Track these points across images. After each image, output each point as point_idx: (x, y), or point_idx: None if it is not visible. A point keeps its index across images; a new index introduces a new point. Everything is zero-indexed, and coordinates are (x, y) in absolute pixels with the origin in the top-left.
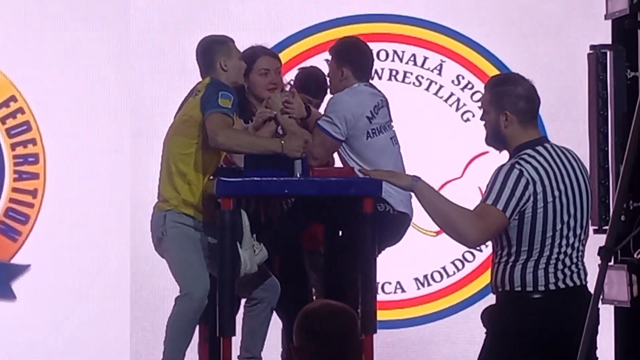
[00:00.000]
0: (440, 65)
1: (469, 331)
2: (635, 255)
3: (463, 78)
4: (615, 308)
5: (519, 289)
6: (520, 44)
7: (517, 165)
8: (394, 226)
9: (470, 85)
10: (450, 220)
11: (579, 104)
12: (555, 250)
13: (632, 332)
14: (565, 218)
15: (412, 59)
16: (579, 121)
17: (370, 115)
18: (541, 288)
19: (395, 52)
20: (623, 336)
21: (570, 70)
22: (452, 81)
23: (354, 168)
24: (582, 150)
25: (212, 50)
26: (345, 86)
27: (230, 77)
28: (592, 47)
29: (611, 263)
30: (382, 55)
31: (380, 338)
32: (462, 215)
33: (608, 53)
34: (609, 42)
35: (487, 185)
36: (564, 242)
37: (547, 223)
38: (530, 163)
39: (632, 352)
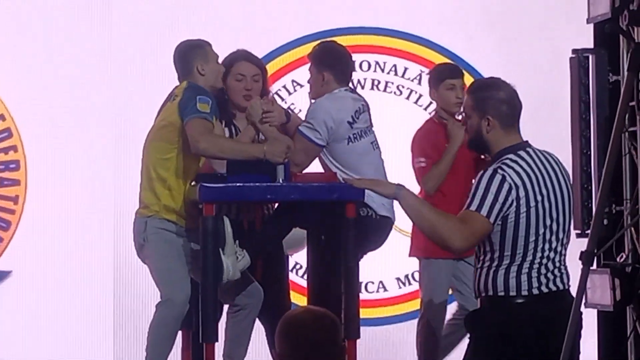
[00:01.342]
0: (420, 75)
1: None
2: (617, 259)
3: None
4: (599, 312)
5: (502, 293)
6: (503, 47)
7: (499, 171)
8: (376, 230)
9: None
10: (434, 227)
11: (561, 107)
12: (538, 254)
13: (615, 336)
14: (548, 222)
15: (393, 69)
16: (561, 124)
17: (351, 120)
18: (524, 293)
19: (377, 63)
20: (606, 340)
21: (553, 74)
22: None
23: (336, 173)
24: (565, 154)
25: (189, 54)
26: (327, 91)
27: (208, 81)
28: (575, 51)
29: (594, 267)
30: (365, 66)
31: (363, 336)
32: (446, 222)
33: (590, 57)
34: (591, 46)
35: (470, 191)
36: (546, 246)
37: (530, 227)
38: (512, 168)
39: (615, 356)
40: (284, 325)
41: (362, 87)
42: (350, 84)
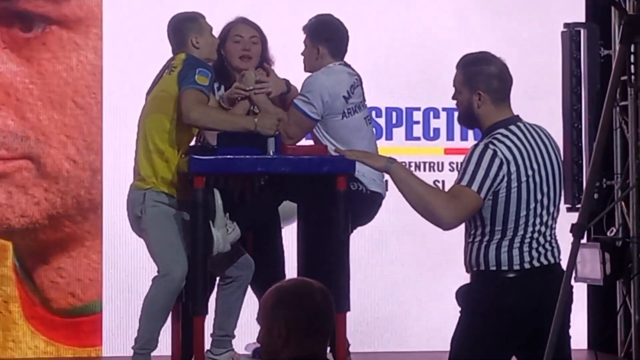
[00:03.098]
0: None
1: (443, 310)
2: (608, 233)
3: None
4: (589, 286)
5: (494, 268)
6: (495, 21)
7: (490, 145)
8: (366, 205)
9: None
10: (425, 201)
11: (552, 81)
12: (530, 229)
13: (605, 311)
14: (539, 197)
15: None
16: (552, 99)
17: (347, 94)
18: (516, 267)
19: None
20: (596, 314)
21: (545, 48)
22: None
23: (327, 146)
24: (556, 128)
25: (183, 27)
26: (321, 65)
27: (203, 54)
28: (566, 25)
29: (584, 241)
30: None
31: (354, 316)
32: (437, 197)
33: (582, 31)
34: (583, 20)
35: (461, 166)
36: (537, 220)
37: (521, 202)
38: (503, 142)
39: (605, 330)
40: (290, 296)
41: None
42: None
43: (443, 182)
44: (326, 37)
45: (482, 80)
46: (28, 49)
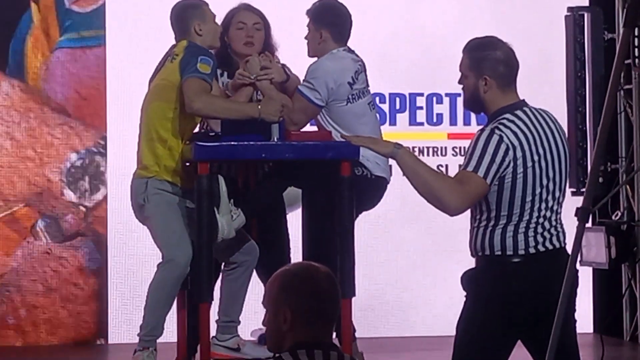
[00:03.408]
0: None
1: (448, 295)
2: (613, 217)
3: None
4: (594, 270)
5: (499, 252)
6: (498, 6)
7: (496, 131)
8: (371, 190)
9: None
10: (431, 187)
11: (556, 66)
12: (535, 214)
13: (610, 294)
14: (545, 182)
15: None
16: (556, 83)
17: (351, 80)
18: (521, 252)
19: None
20: (601, 298)
21: (548, 32)
22: None
23: (331, 132)
24: (560, 112)
25: (186, 14)
26: (324, 49)
27: (206, 41)
28: (570, 9)
29: (589, 225)
30: None
31: (360, 302)
32: (443, 183)
33: (585, 15)
34: (587, 4)
35: (467, 151)
36: (543, 205)
37: (527, 187)
38: (509, 128)
39: (611, 313)
40: (296, 280)
41: None
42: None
43: (447, 166)
44: (329, 22)
45: (488, 65)
46: None
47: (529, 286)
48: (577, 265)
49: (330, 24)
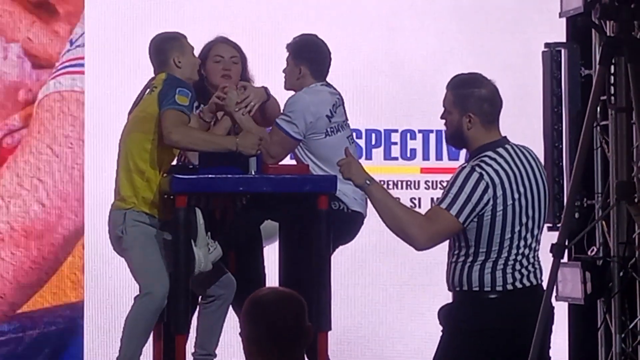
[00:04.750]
0: None
1: (425, 329)
2: (588, 253)
3: None
4: (569, 305)
5: (477, 288)
6: (475, 40)
7: (477, 169)
8: (348, 225)
9: None
10: (400, 222)
11: (533, 100)
12: (514, 251)
13: (585, 330)
14: (524, 220)
15: None
16: (533, 118)
17: (329, 114)
18: (499, 288)
19: None
20: (577, 333)
21: (526, 67)
22: None
23: (308, 165)
24: (536, 147)
25: (165, 47)
26: (302, 84)
27: (185, 74)
28: (547, 44)
29: (565, 260)
30: None
31: (336, 335)
32: (412, 219)
33: (562, 51)
34: (564, 40)
35: (446, 187)
36: (521, 243)
37: (507, 225)
38: (491, 166)
39: (586, 349)
40: (247, 306)
41: None
42: None
43: (419, 199)
44: (309, 58)
45: (473, 103)
46: None
47: (505, 322)
48: (553, 301)
49: (309, 60)
